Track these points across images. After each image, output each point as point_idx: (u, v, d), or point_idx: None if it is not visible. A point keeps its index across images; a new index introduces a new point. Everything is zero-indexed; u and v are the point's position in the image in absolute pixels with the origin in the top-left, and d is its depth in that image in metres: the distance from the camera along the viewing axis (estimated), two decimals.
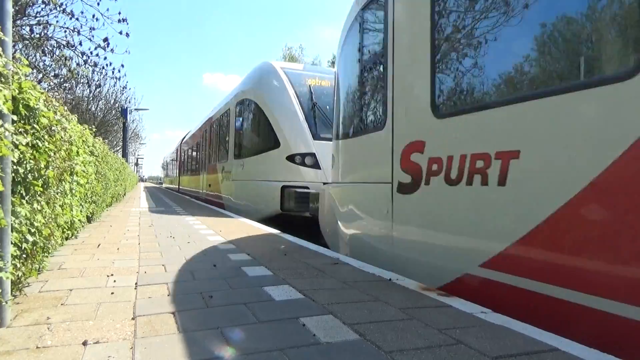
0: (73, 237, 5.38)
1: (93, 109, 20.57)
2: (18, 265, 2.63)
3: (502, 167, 2.73)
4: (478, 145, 2.93)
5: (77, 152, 4.67)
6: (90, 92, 18.82)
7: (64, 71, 9.79)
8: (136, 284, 3.15)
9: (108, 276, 3.37)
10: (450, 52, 3.43)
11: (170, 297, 2.80)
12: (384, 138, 4.05)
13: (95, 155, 7.24)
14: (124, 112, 23.52)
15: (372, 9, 4.56)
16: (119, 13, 8.15)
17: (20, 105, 2.57)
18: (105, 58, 9.11)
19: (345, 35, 5.33)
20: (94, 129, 7.04)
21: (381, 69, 4.28)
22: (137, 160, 57.31)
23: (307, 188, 8.35)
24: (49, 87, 10.65)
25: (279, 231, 6.68)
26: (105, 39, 8.40)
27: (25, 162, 2.72)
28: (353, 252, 4.74)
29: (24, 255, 2.77)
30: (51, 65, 9.66)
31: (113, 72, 9.76)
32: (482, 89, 3.12)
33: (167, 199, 17.45)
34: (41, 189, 3.04)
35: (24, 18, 7.97)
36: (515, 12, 2.80)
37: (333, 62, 34.59)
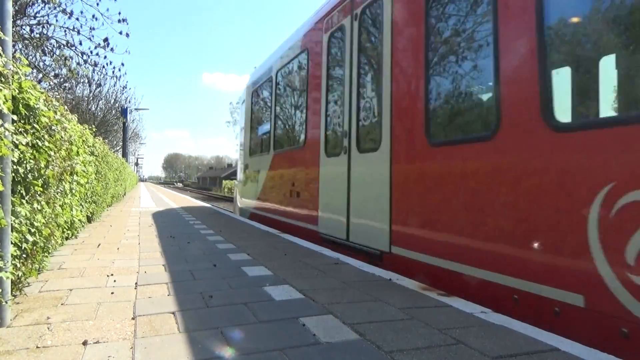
0: (73, 237, 5.38)
1: (93, 108, 20.55)
2: (18, 265, 2.63)
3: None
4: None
5: (77, 151, 4.67)
6: (90, 91, 18.82)
7: (64, 71, 9.77)
8: (136, 283, 3.15)
9: (108, 276, 3.37)
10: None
11: (170, 297, 2.80)
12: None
13: (95, 155, 7.24)
14: (124, 112, 23.50)
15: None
16: (119, 13, 8.16)
17: (20, 105, 2.57)
18: (105, 57, 9.11)
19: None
20: (94, 129, 7.04)
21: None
22: (137, 160, 57.31)
23: None
24: (49, 87, 10.64)
25: (278, 231, 6.68)
26: (105, 39, 8.40)
27: (25, 161, 2.72)
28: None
29: (24, 255, 2.77)
30: (51, 65, 9.65)
31: (113, 72, 9.76)
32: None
33: None
34: (41, 189, 3.04)
35: (24, 18, 7.97)
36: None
37: None
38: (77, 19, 8.14)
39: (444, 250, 3.31)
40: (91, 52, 8.59)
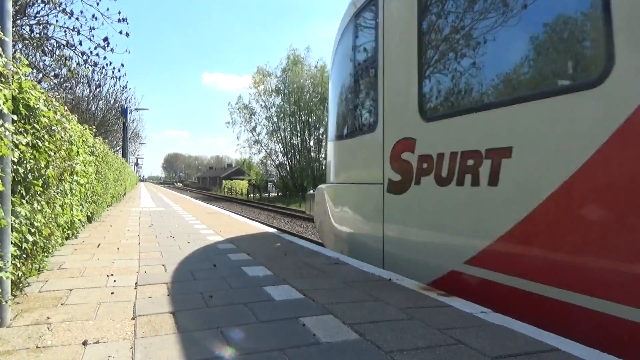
0: (73, 237, 5.38)
1: (93, 108, 20.54)
2: (18, 265, 2.63)
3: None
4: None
5: (77, 151, 4.67)
6: (90, 92, 18.80)
7: (64, 71, 9.76)
8: (136, 283, 3.15)
9: (108, 276, 3.37)
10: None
11: (170, 297, 2.80)
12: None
13: (95, 155, 7.24)
14: (124, 112, 23.50)
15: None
16: (119, 13, 8.12)
17: (21, 105, 2.57)
18: (105, 58, 9.06)
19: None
20: (94, 129, 7.04)
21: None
22: (137, 160, 57.31)
23: None
24: (49, 87, 10.64)
25: (278, 231, 6.68)
26: (105, 39, 8.38)
27: (25, 161, 2.72)
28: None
29: (24, 255, 2.77)
30: (51, 65, 9.64)
31: (113, 72, 9.71)
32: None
33: None
34: (41, 189, 3.04)
35: (24, 18, 7.97)
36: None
37: None
38: (77, 19, 8.12)
39: None
40: (91, 52, 8.58)
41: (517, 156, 2.66)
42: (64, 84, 12.44)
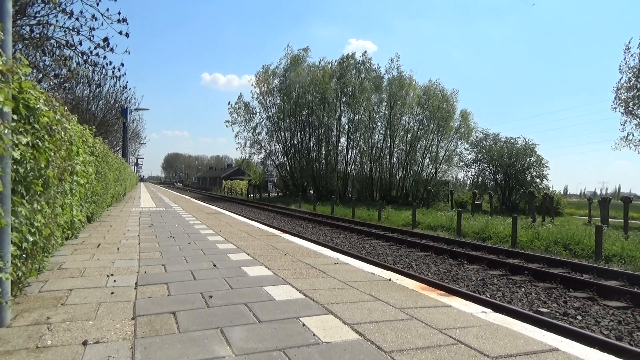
0: (73, 237, 5.38)
1: (93, 109, 20.53)
2: (18, 265, 2.63)
3: None
4: None
5: (77, 151, 4.67)
6: (90, 92, 18.80)
7: (64, 71, 9.75)
8: (136, 284, 3.15)
9: (108, 276, 3.37)
10: None
11: (170, 297, 2.80)
12: None
13: (95, 155, 7.24)
14: (124, 112, 23.52)
15: None
16: (119, 13, 8.11)
17: (21, 105, 2.57)
18: (105, 57, 9.05)
19: None
20: (94, 129, 7.04)
21: None
22: (137, 160, 57.30)
23: None
24: (49, 87, 10.63)
25: (279, 231, 6.68)
26: (105, 39, 8.37)
27: (25, 161, 2.72)
28: None
29: (24, 255, 2.76)
30: (51, 65, 9.63)
31: (113, 72, 9.70)
32: None
33: None
34: (41, 189, 3.04)
35: (24, 18, 7.96)
36: None
37: (341, 62, 33.85)
38: (77, 19, 8.11)
39: None
40: (91, 52, 8.57)
41: None
42: (64, 84, 12.43)
